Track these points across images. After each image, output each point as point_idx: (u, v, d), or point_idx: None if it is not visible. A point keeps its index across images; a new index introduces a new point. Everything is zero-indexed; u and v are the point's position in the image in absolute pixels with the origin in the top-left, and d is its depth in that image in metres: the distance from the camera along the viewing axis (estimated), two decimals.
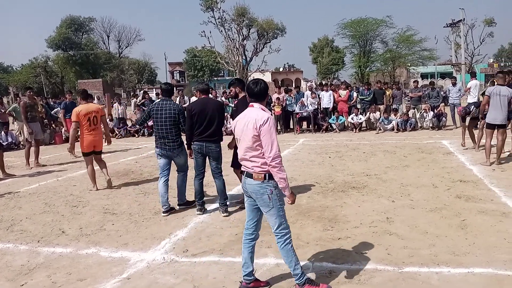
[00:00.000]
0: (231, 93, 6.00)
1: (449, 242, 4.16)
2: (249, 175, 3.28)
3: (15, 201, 6.70)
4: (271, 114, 3.31)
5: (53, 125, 15.70)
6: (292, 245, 3.32)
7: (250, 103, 3.36)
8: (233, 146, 5.59)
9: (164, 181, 5.65)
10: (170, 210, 5.64)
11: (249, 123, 3.20)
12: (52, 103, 18.05)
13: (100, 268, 3.96)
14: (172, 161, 5.78)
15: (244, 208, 5.62)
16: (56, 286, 3.63)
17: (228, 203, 5.54)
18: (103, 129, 7.50)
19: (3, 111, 14.12)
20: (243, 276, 3.42)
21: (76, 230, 5.08)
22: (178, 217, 5.42)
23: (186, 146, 5.59)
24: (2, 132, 14.26)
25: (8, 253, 4.46)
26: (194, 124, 5.35)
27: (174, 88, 6.17)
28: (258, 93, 3.32)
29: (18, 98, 16.35)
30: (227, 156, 5.93)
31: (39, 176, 8.72)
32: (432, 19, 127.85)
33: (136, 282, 3.62)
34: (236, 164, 5.78)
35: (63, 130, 14.44)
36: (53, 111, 16.27)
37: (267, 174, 3.22)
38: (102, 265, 4.02)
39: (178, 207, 5.81)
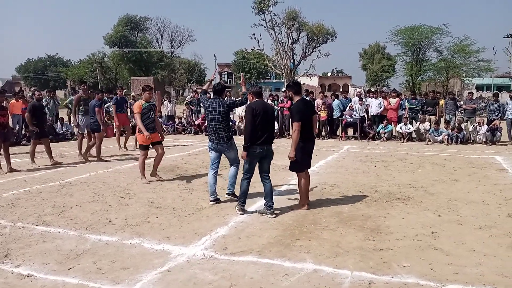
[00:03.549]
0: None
1: (497, 262, 3.96)
2: None
3: (67, 188, 7.05)
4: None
5: (105, 119, 16.35)
6: None
7: None
8: (293, 156, 5.57)
9: (213, 173, 6.09)
10: (217, 200, 6.06)
11: None
12: (106, 97, 18.81)
13: (142, 258, 4.09)
14: (223, 155, 6.14)
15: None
16: (100, 273, 3.78)
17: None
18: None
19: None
20: None
21: (122, 221, 5.28)
22: (219, 215, 5.50)
23: (243, 147, 5.39)
24: (58, 122, 15.10)
25: (59, 238, 4.70)
26: (257, 126, 5.31)
27: (224, 87, 6.36)
28: None
29: (76, 91, 17.27)
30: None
31: (90, 166, 9.13)
32: (492, 29, 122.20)
33: (176, 275, 3.71)
34: (293, 167, 5.80)
35: (114, 124, 15.00)
36: (105, 105, 16.96)
37: None
38: (145, 256, 4.15)
39: (226, 195, 6.12)
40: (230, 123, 6.10)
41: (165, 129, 16.70)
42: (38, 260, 4.07)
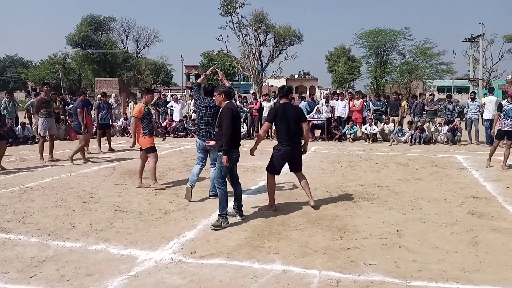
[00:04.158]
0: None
1: (459, 258, 4.10)
2: None
3: (28, 194, 6.79)
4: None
5: (69, 121, 15.92)
6: None
7: None
8: (252, 152, 5.69)
9: (199, 167, 6.32)
10: (191, 188, 6.11)
11: None
12: (68, 99, 18.31)
13: (108, 264, 3.99)
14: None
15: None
16: (64, 280, 3.66)
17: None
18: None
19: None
20: None
21: (87, 226, 5.13)
22: (187, 218, 5.44)
23: (224, 151, 5.05)
24: (19, 126, 14.52)
25: (19, 245, 4.51)
26: (236, 129, 5.20)
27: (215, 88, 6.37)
28: None
29: (34, 93, 16.70)
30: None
31: (52, 171, 8.83)
32: (451, 33, 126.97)
33: (143, 280, 3.64)
34: (267, 167, 5.85)
35: None
36: (68, 107, 16.53)
37: None
38: (111, 262, 4.05)
39: (210, 197, 6.31)
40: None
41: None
42: None
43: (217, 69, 8.18)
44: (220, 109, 5.28)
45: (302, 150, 5.89)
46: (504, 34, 45.49)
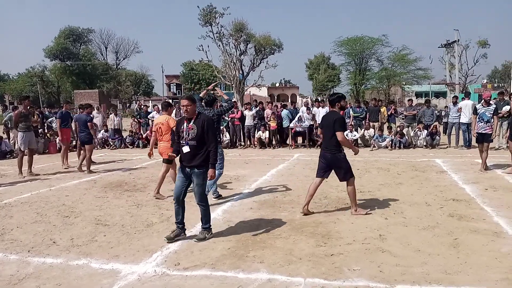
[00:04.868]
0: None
1: (441, 261, 4.16)
2: None
3: (6, 210, 6.64)
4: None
5: (48, 135, 15.67)
6: None
7: None
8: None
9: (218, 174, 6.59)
10: (218, 197, 6.93)
11: None
12: (47, 112, 18.04)
13: (90, 279, 3.92)
14: None
15: None
16: None
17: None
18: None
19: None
20: None
21: (67, 241, 5.04)
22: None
23: (212, 165, 4.93)
24: None
25: None
26: None
27: (215, 99, 6.61)
28: None
29: (12, 106, 16.39)
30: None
31: (31, 185, 8.66)
32: (427, 39, 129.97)
33: None
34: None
35: (57, 139, 14.34)
36: (48, 120, 16.30)
37: None
38: (93, 277, 3.98)
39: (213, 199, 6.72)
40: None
41: (111, 143, 16.24)
42: None
43: (215, 87, 8.64)
44: (197, 120, 4.87)
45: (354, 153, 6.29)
46: (478, 40, 46.84)
